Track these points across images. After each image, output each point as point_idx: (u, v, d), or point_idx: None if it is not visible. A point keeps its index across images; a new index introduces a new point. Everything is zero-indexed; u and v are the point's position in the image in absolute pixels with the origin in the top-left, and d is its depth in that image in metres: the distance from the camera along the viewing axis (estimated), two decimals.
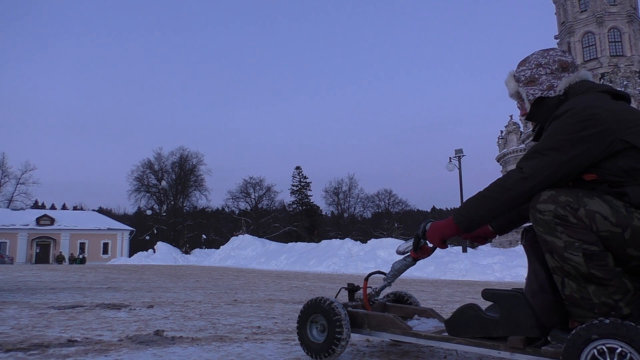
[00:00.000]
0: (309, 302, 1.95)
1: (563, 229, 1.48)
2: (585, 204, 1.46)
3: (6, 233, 48.43)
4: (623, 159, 1.49)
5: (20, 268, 16.22)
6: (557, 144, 1.53)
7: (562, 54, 1.73)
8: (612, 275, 1.43)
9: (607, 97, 1.60)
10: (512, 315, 1.60)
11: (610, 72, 43.42)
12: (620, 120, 1.50)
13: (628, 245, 1.43)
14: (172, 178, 58.67)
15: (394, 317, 1.87)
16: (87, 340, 2.23)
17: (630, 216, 1.43)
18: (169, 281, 8.11)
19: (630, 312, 1.42)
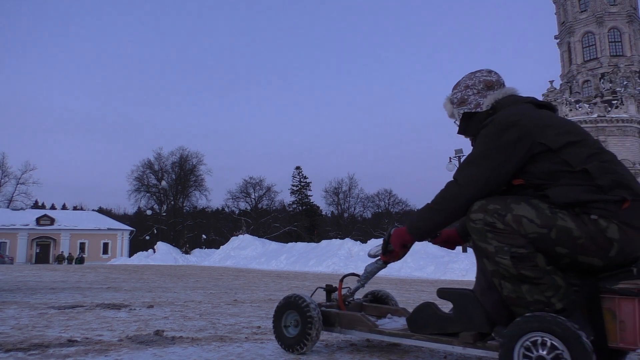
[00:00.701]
0: (285, 298, 2.07)
1: (493, 235, 1.59)
2: (512, 210, 1.57)
3: (6, 233, 48.40)
4: (543, 162, 1.61)
5: (20, 268, 16.23)
6: (484, 152, 1.65)
7: (487, 74, 1.90)
8: (542, 274, 1.53)
9: (530, 107, 1.73)
10: (464, 312, 1.71)
11: (610, 72, 43.38)
12: (538, 124, 1.63)
13: (555, 244, 1.53)
14: (172, 178, 58.65)
15: (361, 316, 1.97)
16: (87, 340, 2.23)
17: (554, 217, 1.53)
18: (169, 281, 8.11)
19: (563, 307, 1.51)
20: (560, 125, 1.65)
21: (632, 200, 1.52)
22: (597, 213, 1.51)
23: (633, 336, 1.46)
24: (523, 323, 1.45)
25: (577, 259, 1.54)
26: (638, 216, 1.51)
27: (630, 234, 1.50)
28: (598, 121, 39.23)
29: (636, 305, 1.47)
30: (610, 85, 42.52)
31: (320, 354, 2.01)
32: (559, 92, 42.24)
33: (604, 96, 41.81)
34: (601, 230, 1.50)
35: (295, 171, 62.34)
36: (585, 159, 1.57)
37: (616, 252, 1.50)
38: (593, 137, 1.72)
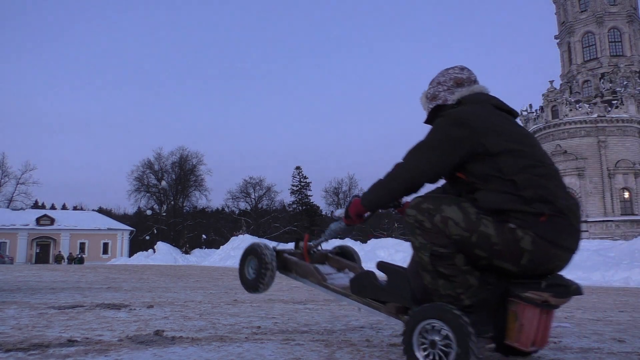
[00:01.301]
0: (247, 246, 2.37)
1: (420, 232, 1.73)
2: (442, 211, 1.69)
3: (6, 233, 48.41)
4: (480, 164, 1.70)
5: (20, 268, 16.23)
6: (431, 142, 1.78)
7: (459, 72, 1.98)
8: (457, 272, 1.68)
9: (487, 108, 1.81)
10: (394, 286, 1.92)
11: (610, 72, 43.38)
12: (485, 127, 1.71)
13: (475, 247, 1.65)
14: (172, 178, 58.64)
15: (314, 268, 2.20)
16: (87, 340, 2.23)
17: (478, 222, 1.65)
18: (169, 281, 8.11)
19: (470, 304, 1.67)
20: (506, 132, 1.73)
21: (550, 215, 1.61)
22: (515, 223, 1.62)
23: (528, 339, 1.64)
24: (424, 310, 1.65)
25: (493, 262, 1.66)
26: (553, 230, 1.61)
27: (542, 247, 1.60)
28: (598, 121, 39.22)
29: (537, 313, 1.64)
30: (610, 85, 42.52)
31: (320, 353, 2.01)
32: (559, 92, 42.23)
33: (604, 96, 41.81)
34: (516, 239, 1.61)
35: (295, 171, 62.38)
36: (518, 170, 1.65)
37: (527, 261, 1.62)
38: (541, 149, 1.80)
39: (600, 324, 3.23)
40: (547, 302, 1.63)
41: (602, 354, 2.13)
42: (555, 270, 1.68)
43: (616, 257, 11.01)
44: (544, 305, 1.64)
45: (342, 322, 3.03)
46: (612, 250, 12.23)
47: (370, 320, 3.11)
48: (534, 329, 1.64)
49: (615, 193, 38.84)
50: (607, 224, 37.76)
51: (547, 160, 1.75)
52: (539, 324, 1.65)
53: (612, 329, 2.97)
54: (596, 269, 9.81)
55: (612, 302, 5.22)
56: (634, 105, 40.12)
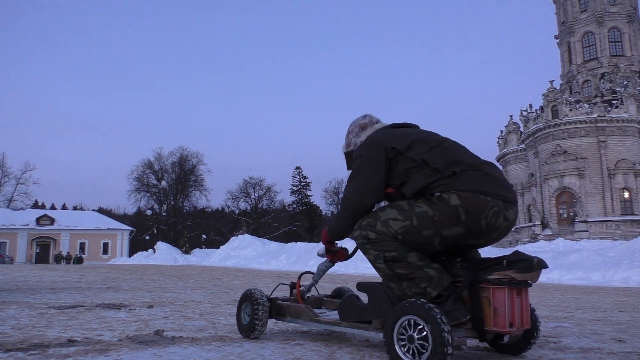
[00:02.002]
0: (243, 293, 2.43)
1: (370, 245, 1.88)
2: (380, 217, 1.87)
3: (6, 233, 48.39)
4: (398, 164, 1.93)
5: (20, 268, 16.22)
6: (357, 168, 2.01)
7: (362, 119, 2.28)
8: (414, 269, 1.79)
9: (386, 129, 2.12)
10: (375, 302, 1.95)
11: (610, 72, 43.36)
12: (388, 137, 1.98)
13: (420, 230, 1.80)
14: (172, 178, 58.62)
15: (305, 308, 2.27)
16: (87, 340, 2.23)
17: (411, 208, 1.83)
18: (169, 281, 8.11)
19: (438, 294, 1.76)
20: (406, 133, 2.01)
21: (462, 171, 1.82)
22: (438, 190, 1.81)
23: (504, 321, 1.68)
24: (398, 309, 1.73)
25: (443, 234, 1.80)
26: (469, 182, 1.79)
27: (467, 197, 1.76)
28: (598, 121, 39.21)
29: (506, 293, 1.69)
30: (610, 85, 42.50)
31: (320, 353, 2.01)
32: (559, 92, 42.22)
33: (604, 96, 41.79)
34: (445, 201, 1.78)
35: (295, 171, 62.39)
36: (425, 152, 1.89)
37: (465, 215, 1.76)
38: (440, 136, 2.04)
39: (600, 324, 3.23)
40: (513, 279, 1.70)
41: (602, 354, 2.13)
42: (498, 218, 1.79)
43: (616, 257, 11.00)
44: (512, 283, 1.71)
45: None
46: (612, 250, 12.23)
47: None
48: (509, 310, 1.69)
49: (615, 193, 38.82)
50: (607, 224, 37.72)
51: (448, 141, 1.99)
52: (512, 304, 1.70)
53: (612, 329, 2.97)
54: (596, 269, 9.80)
55: (612, 302, 5.22)
56: (634, 105, 40.09)
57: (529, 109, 46.30)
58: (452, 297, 1.75)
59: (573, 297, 5.81)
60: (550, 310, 4.12)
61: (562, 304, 4.88)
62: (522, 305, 1.76)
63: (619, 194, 39.01)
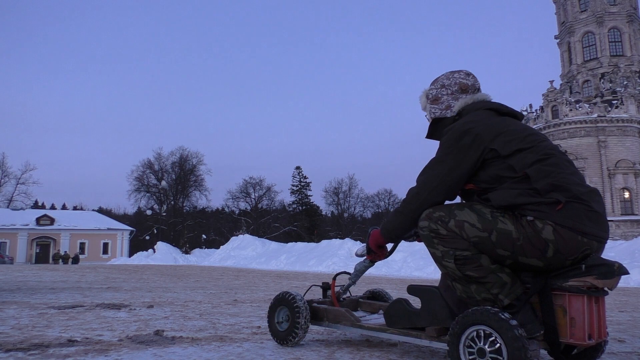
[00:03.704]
0: (276, 297, 2.24)
1: (438, 240, 1.68)
2: (455, 216, 1.67)
3: (6, 233, 48.38)
4: (492, 168, 1.69)
5: (20, 268, 16.22)
6: (440, 157, 1.75)
7: (465, 77, 1.94)
8: (486, 273, 1.61)
9: (490, 114, 1.81)
10: (429, 308, 1.81)
11: (610, 72, 43.37)
12: (492, 132, 1.70)
13: (496, 247, 1.61)
14: (172, 178, 58.62)
15: (345, 312, 2.10)
16: (87, 340, 2.23)
17: (494, 221, 1.61)
18: (169, 281, 8.11)
19: (510, 303, 1.59)
20: (513, 132, 1.71)
21: (567, 202, 1.56)
22: (532, 215, 1.58)
23: (582, 332, 1.51)
24: (465, 318, 1.56)
25: (518, 260, 1.61)
26: (571, 217, 1.55)
27: (564, 234, 1.54)
28: (598, 121, 39.21)
29: (585, 302, 1.52)
30: (610, 85, 42.50)
31: (320, 353, 2.01)
32: (559, 92, 42.22)
33: (604, 96, 41.79)
34: (537, 231, 1.56)
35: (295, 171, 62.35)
36: (529, 164, 1.63)
37: (553, 253, 1.55)
38: (550, 143, 1.76)
39: None
40: (593, 286, 1.52)
41: (602, 354, 2.13)
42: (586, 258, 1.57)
43: (616, 257, 11.00)
44: (591, 291, 1.52)
45: None
46: (612, 250, 12.23)
47: None
48: (587, 320, 1.51)
49: (615, 193, 38.82)
50: None
51: (557, 152, 1.70)
52: (591, 313, 1.53)
53: (612, 329, 2.97)
54: None
55: (612, 302, 5.21)
56: (634, 105, 40.10)
57: (529, 109, 46.30)
58: (525, 308, 1.58)
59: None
60: None
61: None
62: (600, 315, 1.58)
63: (619, 194, 39.01)
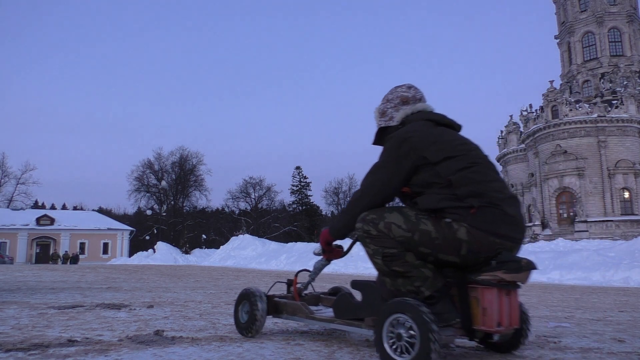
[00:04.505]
0: (241, 292, 2.48)
1: (370, 240, 1.90)
2: (385, 218, 1.88)
3: (6, 233, 48.40)
4: (423, 174, 1.89)
5: (20, 268, 16.22)
6: (381, 163, 1.97)
7: (406, 90, 2.16)
8: (410, 268, 1.83)
9: (429, 124, 2.01)
10: (368, 300, 2.02)
11: (610, 72, 43.36)
12: (426, 141, 1.91)
13: (419, 245, 1.82)
14: (172, 178, 58.62)
15: (301, 305, 2.31)
16: (87, 340, 2.23)
17: (418, 222, 1.83)
18: (169, 281, 8.11)
19: (430, 294, 1.80)
20: (445, 142, 1.92)
21: (481, 207, 1.78)
22: (451, 217, 1.80)
23: (492, 320, 1.73)
24: (387, 307, 1.78)
25: (438, 257, 1.82)
26: (484, 220, 1.77)
27: (476, 235, 1.75)
28: (598, 121, 39.20)
29: (495, 293, 1.74)
30: (610, 85, 42.50)
31: (320, 353, 2.01)
32: (559, 92, 42.21)
33: (604, 96, 41.78)
34: (453, 232, 1.77)
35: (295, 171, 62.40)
36: (453, 172, 1.84)
37: (466, 251, 1.77)
38: (479, 152, 1.99)
39: (600, 324, 3.23)
40: (502, 280, 1.73)
41: (602, 354, 2.13)
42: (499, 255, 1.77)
43: (616, 257, 11.00)
44: (500, 284, 1.74)
45: None
46: (612, 250, 12.23)
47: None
48: (497, 310, 1.74)
49: (615, 193, 38.81)
50: (607, 224, 37.71)
51: (483, 161, 1.94)
52: (501, 304, 1.75)
53: (612, 329, 2.97)
54: (596, 269, 9.81)
55: (612, 302, 5.22)
56: (634, 105, 40.08)
57: (529, 109, 46.31)
58: (444, 299, 1.79)
59: (573, 297, 5.81)
60: (550, 310, 4.12)
61: (562, 304, 4.88)
62: (511, 305, 1.80)
63: (619, 194, 39.00)
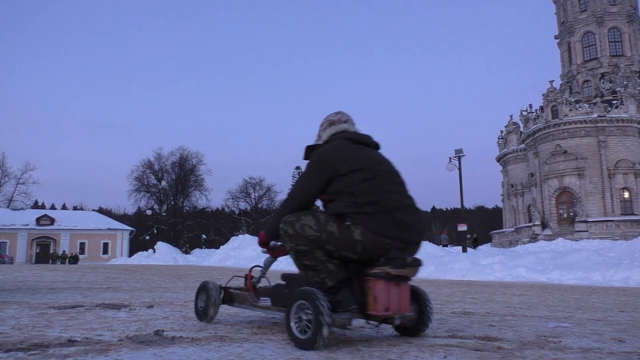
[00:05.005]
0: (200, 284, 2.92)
1: (288, 238, 2.31)
2: (300, 220, 2.28)
3: (6, 233, 48.42)
4: (335, 184, 2.30)
5: (20, 268, 16.23)
6: (304, 175, 2.41)
7: (334, 115, 2.61)
8: (318, 263, 2.24)
9: (346, 142, 2.42)
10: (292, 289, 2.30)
11: (610, 72, 43.37)
12: (339, 157, 2.31)
13: (326, 243, 2.23)
14: (172, 178, 58.64)
15: (248, 295, 2.68)
16: (87, 340, 2.23)
17: (325, 224, 2.24)
18: (169, 281, 8.12)
19: (333, 285, 2.20)
20: (355, 157, 2.32)
21: (374, 213, 2.19)
22: (350, 221, 2.21)
23: (381, 306, 2.12)
24: (293, 295, 2.17)
25: (341, 254, 2.24)
26: (376, 224, 2.18)
27: (369, 237, 2.17)
28: (598, 121, 39.21)
29: (383, 284, 2.13)
30: (610, 85, 42.50)
31: (320, 353, 2.01)
32: (559, 92, 42.22)
33: (604, 96, 41.79)
34: (350, 233, 2.19)
35: (295, 171, 62.41)
36: (357, 183, 2.25)
37: (361, 249, 2.20)
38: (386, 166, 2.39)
39: (600, 324, 3.23)
40: (388, 273, 2.12)
41: (602, 354, 2.13)
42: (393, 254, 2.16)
43: (616, 257, 11.01)
44: (388, 277, 2.12)
45: None
46: (612, 250, 12.23)
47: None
48: (385, 298, 2.13)
49: (615, 193, 38.82)
50: (607, 224, 37.72)
51: (386, 174, 2.33)
52: (389, 293, 2.14)
53: (612, 329, 2.97)
54: (596, 269, 9.80)
55: (612, 302, 5.22)
56: (634, 105, 40.09)
57: (529, 109, 46.34)
58: (345, 289, 2.19)
59: (573, 297, 5.81)
60: (550, 310, 4.12)
61: (562, 304, 4.88)
62: (400, 295, 2.18)
63: (619, 194, 39.01)
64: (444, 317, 3.45)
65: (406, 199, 2.32)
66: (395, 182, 2.35)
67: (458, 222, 24.24)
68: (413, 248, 2.24)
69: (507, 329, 2.84)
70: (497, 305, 4.57)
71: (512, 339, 2.46)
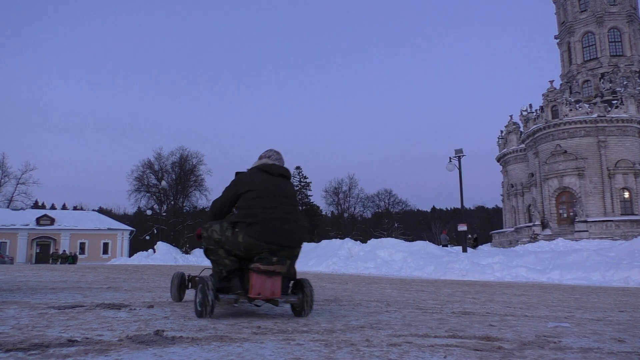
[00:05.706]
0: (173, 274, 4.14)
1: (203, 239, 3.26)
2: (211, 226, 3.21)
3: (6, 233, 48.40)
4: (240, 201, 3.17)
5: (20, 268, 16.22)
6: (224, 191, 3.30)
7: (266, 153, 3.49)
8: (219, 258, 3.16)
9: (256, 171, 3.28)
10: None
11: (610, 72, 43.36)
12: (244, 182, 3.21)
13: (224, 244, 3.12)
14: (172, 178, 58.61)
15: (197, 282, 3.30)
16: (87, 340, 2.23)
17: (226, 230, 3.12)
18: (169, 281, 8.10)
19: (226, 274, 3.12)
20: (255, 182, 3.18)
21: (250, 223, 3.05)
22: (238, 228, 3.08)
23: (255, 291, 3.00)
24: (200, 280, 3.07)
25: (234, 252, 3.11)
26: (253, 231, 3.04)
27: (247, 240, 3.05)
28: (598, 121, 39.20)
29: (256, 275, 3.00)
30: (610, 85, 42.50)
31: (320, 353, 2.01)
32: (559, 92, 42.21)
33: (604, 96, 41.79)
34: (236, 237, 3.07)
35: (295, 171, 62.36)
36: (247, 201, 3.13)
37: (244, 248, 3.07)
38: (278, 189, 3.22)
39: (600, 324, 3.23)
40: (259, 268, 2.99)
41: (602, 354, 2.13)
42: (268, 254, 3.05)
43: (616, 257, 11.01)
44: (259, 270, 2.99)
45: (341, 322, 3.03)
46: (612, 250, 12.24)
47: (370, 320, 3.12)
48: (258, 285, 3.00)
49: (615, 193, 38.82)
50: (607, 224, 37.71)
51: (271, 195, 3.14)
52: (261, 282, 3.01)
53: (612, 329, 2.97)
54: (596, 269, 9.81)
55: (612, 302, 5.22)
56: (634, 105, 40.08)
57: (529, 109, 46.32)
58: (235, 278, 3.08)
59: (573, 297, 5.81)
60: (550, 310, 4.12)
61: (562, 304, 4.88)
62: (272, 284, 3.03)
63: (619, 194, 39.01)
64: (444, 317, 3.45)
65: (286, 214, 3.13)
66: (279, 200, 3.15)
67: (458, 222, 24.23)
68: (287, 250, 3.09)
69: (507, 329, 2.84)
70: (497, 305, 4.57)
71: (512, 339, 2.46)
